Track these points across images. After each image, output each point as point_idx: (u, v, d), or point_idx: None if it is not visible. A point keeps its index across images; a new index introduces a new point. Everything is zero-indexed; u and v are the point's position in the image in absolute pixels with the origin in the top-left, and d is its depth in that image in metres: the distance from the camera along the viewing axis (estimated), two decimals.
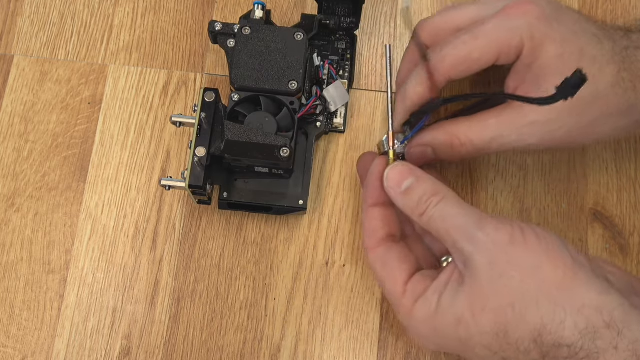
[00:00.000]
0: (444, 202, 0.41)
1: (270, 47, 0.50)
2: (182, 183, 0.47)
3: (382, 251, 0.44)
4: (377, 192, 0.44)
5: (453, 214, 0.40)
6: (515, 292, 0.37)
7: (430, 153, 0.46)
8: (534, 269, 0.38)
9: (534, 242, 0.38)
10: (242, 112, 0.49)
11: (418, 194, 0.42)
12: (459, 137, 0.45)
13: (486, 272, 0.38)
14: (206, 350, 0.50)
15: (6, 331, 0.50)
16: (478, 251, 0.38)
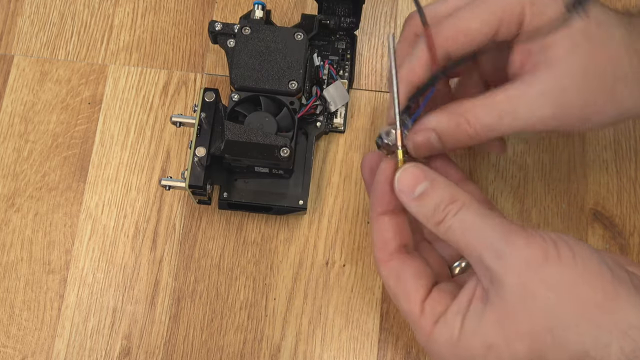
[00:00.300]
0: (464, 211, 0.37)
1: (270, 47, 0.50)
2: (182, 183, 0.47)
3: (396, 265, 0.40)
4: (386, 198, 0.40)
5: (475, 225, 0.36)
6: (552, 315, 0.34)
7: (434, 140, 0.41)
8: (572, 288, 0.34)
9: (569, 257, 0.35)
10: (242, 112, 0.49)
11: (434, 200, 0.38)
12: (466, 116, 0.40)
13: (518, 293, 0.34)
14: (206, 350, 0.50)
15: (6, 331, 0.50)
16: (508, 270, 0.35)
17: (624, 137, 0.55)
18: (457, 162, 0.54)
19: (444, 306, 0.38)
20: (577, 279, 0.34)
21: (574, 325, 0.34)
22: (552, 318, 0.34)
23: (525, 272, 0.34)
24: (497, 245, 0.35)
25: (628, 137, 0.55)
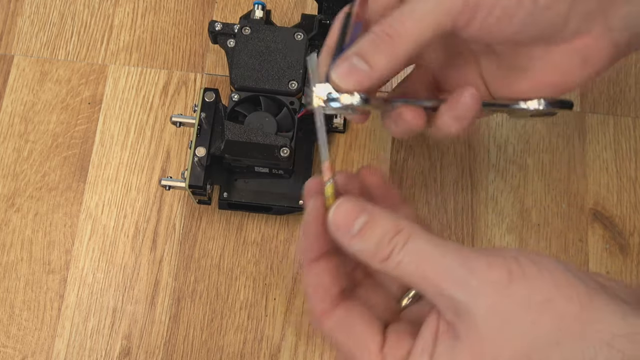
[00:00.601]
0: (412, 241, 0.33)
1: (270, 47, 0.50)
2: (182, 183, 0.47)
3: (342, 314, 0.35)
4: (320, 240, 0.35)
5: (429, 256, 0.32)
6: (530, 338, 0.31)
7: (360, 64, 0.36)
8: (545, 304, 0.31)
9: (535, 273, 0.32)
10: (242, 112, 0.49)
11: (376, 234, 0.33)
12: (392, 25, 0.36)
13: (489, 320, 0.31)
14: (206, 350, 0.50)
15: (6, 331, 0.50)
16: (474, 298, 0.31)
17: (624, 137, 0.55)
18: (457, 162, 0.54)
19: (405, 349, 0.34)
20: (549, 294, 0.32)
21: (554, 343, 0.31)
22: (530, 341, 0.31)
23: (493, 296, 0.32)
24: (458, 274, 0.32)
25: (628, 137, 0.55)
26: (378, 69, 0.36)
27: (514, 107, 0.41)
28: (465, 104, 0.38)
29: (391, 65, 0.36)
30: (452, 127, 0.39)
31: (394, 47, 0.36)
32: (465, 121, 0.39)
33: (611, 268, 0.52)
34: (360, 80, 0.36)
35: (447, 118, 0.39)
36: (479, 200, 0.54)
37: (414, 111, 0.39)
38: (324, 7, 0.53)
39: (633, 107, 0.56)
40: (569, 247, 0.53)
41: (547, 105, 0.40)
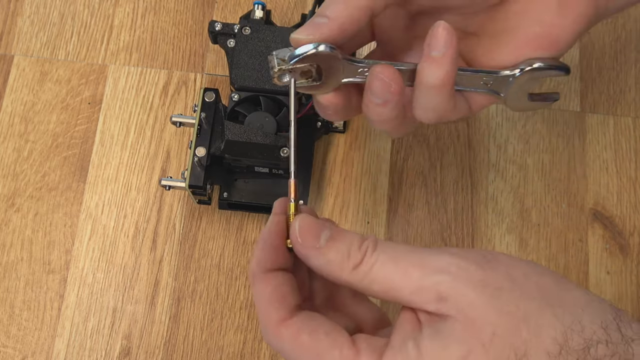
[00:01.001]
0: (382, 244, 0.33)
1: (270, 47, 0.50)
2: (182, 183, 0.47)
3: (303, 319, 0.33)
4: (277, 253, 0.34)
5: (403, 252, 0.32)
6: (521, 306, 0.31)
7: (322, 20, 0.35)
8: (525, 278, 0.32)
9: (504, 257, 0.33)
10: (242, 112, 0.49)
11: (345, 243, 0.33)
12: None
13: (476, 295, 0.31)
14: (206, 350, 0.50)
15: (6, 331, 0.50)
16: (459, 276, 0.31)
17: (624, 137, 0.55)
18: (457, 162, 0.54)
19: (381, 342, 0.32)
20: (524, 270, 0.32)
21: (546, 308, 0.31)
22: (523, 308, 0.31)
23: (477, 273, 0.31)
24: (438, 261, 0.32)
25: (628, 137, 0.55)
26: (336, 18, 0.35)
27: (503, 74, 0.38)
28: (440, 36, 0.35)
29: (349, 13, 0.35)
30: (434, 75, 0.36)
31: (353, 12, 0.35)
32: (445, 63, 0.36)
33: (611, 268, 0.52)
34: (321, 31, 0.35)
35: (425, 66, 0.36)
36: (479, 200, 0.54)
37: (388, 67, 0.37)
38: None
39: (633, 107, 0.56)
40: (569, 247, 0.53)
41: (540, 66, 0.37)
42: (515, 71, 0.38)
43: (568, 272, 0.52)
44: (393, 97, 0.37)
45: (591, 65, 0.57)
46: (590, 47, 0.58)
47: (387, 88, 0.36)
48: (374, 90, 0.37)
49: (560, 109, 0.56)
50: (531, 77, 0.38)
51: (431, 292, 0.31)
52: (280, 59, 0.36)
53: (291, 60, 0.36)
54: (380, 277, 0.32)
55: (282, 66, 0.36)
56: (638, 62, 0.58)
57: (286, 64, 0.36)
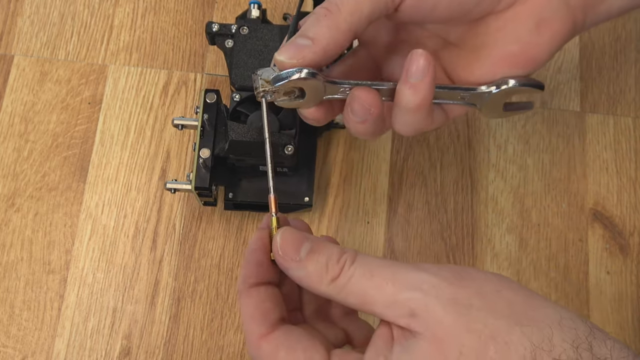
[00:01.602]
0: (360, 258, 0.34)
1: (269, 46, 0.50)
2: (188, 185, 0.47)
3: (281, 335, 0.34)
4: (261, 269, 0.36)
5: (379, 266, 0.33)
6: (490, 323, 0.31)
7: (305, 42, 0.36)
8: (496, 294, 0.32)
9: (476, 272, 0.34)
10: (244, 111, 0.49)
11: (324, 256, 0.34)
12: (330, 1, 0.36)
13: (445, 313, 0.32)
14: (206, 350, 0.50)
15: (6, 331, 0.50)
16: (430, 293, 0.32)
17: (624, 137, 0.55)
18: (457, 162, 0.54)
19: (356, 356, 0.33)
20: (496, 286, 0.33)
21: (514, 325, 0.31)
22: (491, 325, 0.31)
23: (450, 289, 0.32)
24: (412, 277, 0.32)
25: (628, 137, 0.55)
26: (319, 42, 0.36)
27: (480, 91, 0.39)
28: (418, 63, 0.36)
29: (332, 36, 0.36)
30: (412, 99, 0.37)
31: (333, 19, 0.36)
32: (423, 89, 0.37)
33: (611, 268, 0.52)
34: (304, 55, 0.36)
35: (404, 90, 0.37)
36: (479, 200, 0.54)
37: (369, 92, 0.38)
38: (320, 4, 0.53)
39: (633, 107, 0.56)
40: (569, 247, 0.53)
41: (515, 85, 0.39)
42: (491, 88, 0.39)
43: (568, 272, 0.52)
44: (372, 118, 0.38)
45: (591, 65, 0.57)
46: (590, 47, 0.58)
47: (367, 111, 0.38)
48: (354, 111, 0.38)
49: (560, 109, 0.56)
50: (506, 93, 0.39)
51: (404, 308, 0.32)
52: (264, 80, 0.37)
53: (275, 84, 0.37)
54: (356, 290, 0.33)
55: (265, 88, 0.37)
56: (638, 62, 0.58)
57: (269, 86, 0.37)
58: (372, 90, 0.38)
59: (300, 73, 0.36)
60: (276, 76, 0.37)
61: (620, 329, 0.51)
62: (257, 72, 0.37)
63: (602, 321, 0.51)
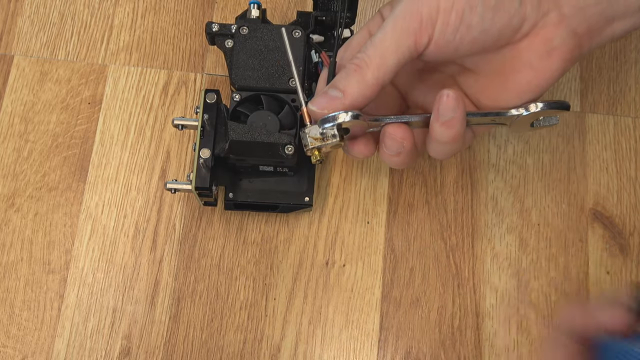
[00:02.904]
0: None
1: (269, 46, 0.50)
2: (188, 185, 0.47)
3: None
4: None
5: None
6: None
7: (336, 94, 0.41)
8: None
9: None
10: (244, 111, 0.49)
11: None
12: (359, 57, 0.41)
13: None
14: (206, 350, 0.50)
15: (6, 331, 0.50)
16: None
17: (624, 137, 0.55)
18: (457, 162, 0.54)
19: None
20: None
21: None
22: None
23: None
24: None
25: (628, 137, 0.55)
26: (349, 95, 0.40)
27: (510, 114, 0.42)
28: (447, 105, 0.40)
29: (362, 90, 0.40)
30: (446, 134, 0.41)
31: (362, 74, 0.40)
32: (455, 124, 0.41)
33: (611, 268, 0.52)
34: (335, 106, 0.41)
35: (437, 127, 0.41)
36: (479, 200, 0.54)
37: (400, 127, 0.42)
38: (320, 3, 0.53)
39: (633, 107, 0.56)
40: (569, 247, 0.53)
41: (543, 108, 0.42)
42: (521, 111, 0.42)
43: (568, 272, 0.52)
44: (405, 151, 0.43)
45: (591, 65, 0.58)
46: None
47: (400, 145, 0.42)
48: (388, 147, 0.43)
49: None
50: (534, 114, 0.42)
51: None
52: (312, 138, 0.42)
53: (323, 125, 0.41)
54: None
55: (314, 145, 0.42)
56: (638, 62, 0.58)
57: (317, 143, 0.42)
58: (403, 125, 0.42)
59: (346, 115, 0.40)
60: (323, 119, 0.41)
61: None
62: (305, 130, 0.42)
63: None
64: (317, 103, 0.41)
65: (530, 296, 0.52)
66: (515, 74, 0.42)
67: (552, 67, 0.41)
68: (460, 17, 0.39)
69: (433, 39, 0.39)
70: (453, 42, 0.40)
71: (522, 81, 0.42)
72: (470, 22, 0.39)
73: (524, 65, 0.41)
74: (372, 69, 0.40)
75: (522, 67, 0.41)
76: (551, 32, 0.40)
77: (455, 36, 0.39)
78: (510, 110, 0.42)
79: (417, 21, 0.39)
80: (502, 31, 0.40)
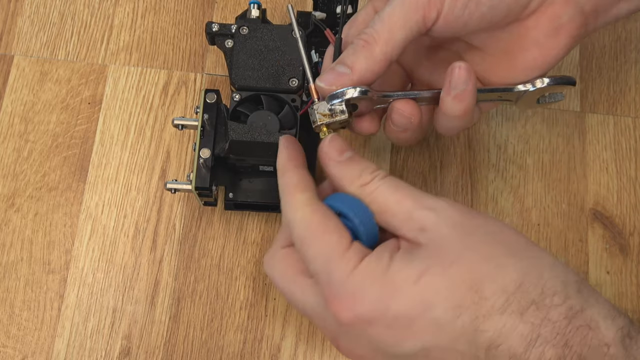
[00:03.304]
0: (390, 177, 0.39)
1: (269, 46, 0.50)
2: (188, 185, 0.47)
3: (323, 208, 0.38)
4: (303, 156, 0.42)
5: (404, 187, 0.38)
6: (489, 247, 0.35)
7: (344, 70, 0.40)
8: (499, 233, 0.37)
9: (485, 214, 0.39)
10: (244, 111, 0.49)
11: (361, 165, 0.39)
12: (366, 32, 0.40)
13: (452, 231, 0.36)
14: (206, 350, 0.50)
15: (6, 331, 0.50)
16: (440, 214, 0.36)
17: (624, 137, 0.55)
18: (457, 162, 0.54)
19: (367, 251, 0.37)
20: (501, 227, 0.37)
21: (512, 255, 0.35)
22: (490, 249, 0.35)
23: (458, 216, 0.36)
24: (428, 202, 0.37)
25: (628, 137, 0.55)
26: (357, 70, 0.40)
27: (517, 90, 0.43)
28: (460, 77, 0.40)
29: (370, 66, 0.40)
30: (457, 107, 0.41)
31: (370, 50, 0.40)
32: (467, 97, 0.41)
33: (611, 268, 0.52)
34: (342, 82, 0.40)
35: (448, 101, 0.41)
36: (479, 200, 0.54)
37: (408, 103, 0.42)
38: (319, 3, 0.53)
39: (633, 107, 0.56)
40: (569, 247, 0.53)
41: (550, 83, 0.42)
42: (528, 87, 0.43)
43: None
44: (413, 127, 0.43)
45: (591, 65, 0.58)
46: (590, 47, 0.58)
47: (408, 120, 0.42)
48: (395, 122, 0.43)
49: (560, 109, 0.56)
50: (541, 90, 0.43)
51: (416, 223, 0.36)
52: (321, 114, 0.42)
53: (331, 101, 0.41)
54: (380, 199, 0.38)
55: (322, 121, 0.42)
56: (638, 62, 0.58)
57: (326, 119, 0.42)
58: (411, 101, 0.42)
59: (354, 91, 0.40)
60: (332, 95, 0.41)
61: None
62: (313, 107, 0.42)
63: None
64: (325, 79, 0.41)
65: None
66: (522, 51, 0.42)
67: (558, 44, 0.41)
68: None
69: (442, 13, 0.39)
70: (462, 18, 0.39)
71: (529, 59, 0.42)
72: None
73: (530, 42, 0.41)
74: (380, 44, 0.39)
75: (529, 44, 0.41)
76: (559, 10, 0.40)
77: (464, 11, 0.39)
78: (517, 86, 0.43)
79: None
80: (511, 7, 0.40)
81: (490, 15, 0.40)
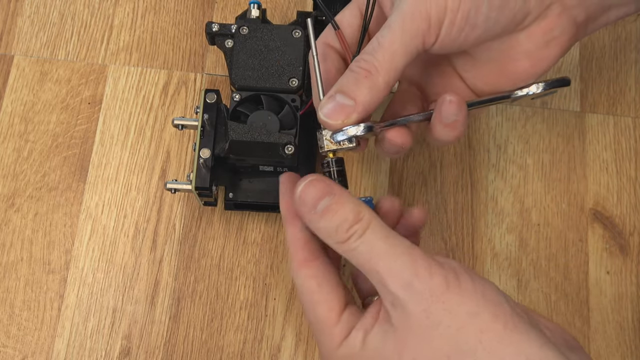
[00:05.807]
0: (369, 233, 0.36)
1: (269, 46, 0.50)
2: (188, 185, 0.47)
3: (319, 267, 0.38)
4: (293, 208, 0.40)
5: (381, 253, 0.35)
6: (451, 343, 0.34)
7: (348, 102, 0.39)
8: (472, 317, 0.34)
9: (470, 287, 0.35)
10: (244, 111, 0.49)
11: (338, 218, 0.36)
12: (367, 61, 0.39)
13: (420, 320, 0.34)
14: (206, 350, 0.50)
15: (6, 331, 0.50)
16: (413, 299, 0.34)
17: (624, 137, 0.55)
18: (457, 162, 0.54)
19: (356, 320, 0.37)
20: (478, 308, 0.34)
21: (471, 353, 0.33)
22: (451, 346, 0.34)
23: (429, 301, 0.34)
24: (403, 276, 0.35)
25: (628, 137, 0.55)
26: (361, 102, 0.39)
27: (514, 96, 0.43)
28: (449, 110, 0.40)
29: (374, 96, 0.39)
30: (448, 135, 0.41)
31: (373, 80, 0.39)
32: (458, 126, 0.41)
33: (611, 268, 0.52)
34: (347, 115, 0.39)
35: (439, 128, 0.41)
36: (479, 200, 0.54)
37: (397, 131, 0.42)
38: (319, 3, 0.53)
39: (633, 107, 0.56)
40: (569, 247, 0.53)
41: (545, 88, 0.42)
42: (524, 91, 0.43)
43: (568, 272, 0.52)
44: (403, 151, 0.43)
45: (591, 65, 0.58)
46: (590, 47, 0.58)
47: (399, 149, 0.42)
48: (386, 150, 0.43)
49: (560, 109, 0.56)
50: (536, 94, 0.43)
51: (390, 297, 0.35)
52: (329, 141, 0.41)
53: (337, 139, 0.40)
54: (358, 262, 0.36)
55: (331, 148, 0.41)
56: (638, 62, 0.58)
57: (333, 146, 0.41)
58: (402, 129, 0.42)
59: (359, 128, 0.39)
60: (335, 134, 0.40)
61: (620, 329, 0.51)
62: (322, 132, 0.41)
63: (602, 321, 0.51)
64: (328, 113, 0.39)
65: (531, 296, 0.52)
66: (513, 61, 0.42)
67: (549, 55, 0.41)
68: (466, 18, 0.38)
69: (439, 37, 0.39)
70: (457, 41, 0.40)
71: (519, 69, 0.42)
72: (476, 22, 0.39)
73: (522, 54, 0.41)
74: (383, 74, 0.39)
75: (520, 55, 0.41)
76: (552, 23, 0.40)
77: (460, 35, 0.39)
78: (514, 93, 0.43)
79: (426, 22, 0.38)
80: (506, 27, 0.40)
81: (485, 36, 0.40)
